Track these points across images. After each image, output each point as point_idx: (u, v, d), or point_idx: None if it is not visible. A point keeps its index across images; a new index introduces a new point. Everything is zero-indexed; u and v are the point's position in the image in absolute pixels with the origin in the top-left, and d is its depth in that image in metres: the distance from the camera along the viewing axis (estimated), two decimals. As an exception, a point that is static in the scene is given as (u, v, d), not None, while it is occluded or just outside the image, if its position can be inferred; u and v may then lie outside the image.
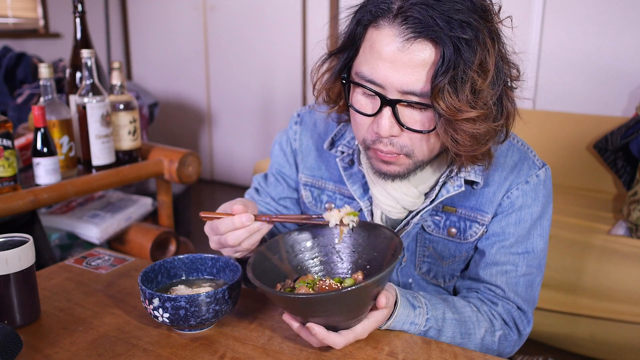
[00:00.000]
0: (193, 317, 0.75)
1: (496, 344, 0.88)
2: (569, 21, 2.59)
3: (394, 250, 0.74)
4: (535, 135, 2.56)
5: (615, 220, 2.05)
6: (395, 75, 0.73)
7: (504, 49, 0.77)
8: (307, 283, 0.75)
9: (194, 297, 0.74)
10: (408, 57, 0.72)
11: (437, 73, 0.70)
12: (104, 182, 1.45)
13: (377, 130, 0.77)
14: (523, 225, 0.90)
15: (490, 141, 0.78)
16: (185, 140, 4.35)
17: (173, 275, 0.87)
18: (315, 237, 0.84)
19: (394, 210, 0.91)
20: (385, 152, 0.80)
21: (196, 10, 4.03)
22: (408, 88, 0.73)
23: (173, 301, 0.74)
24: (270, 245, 0.81)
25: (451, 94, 0.70)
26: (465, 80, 0.70)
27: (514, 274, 0.90)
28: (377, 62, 0.74)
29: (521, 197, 0.89)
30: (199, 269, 0.88)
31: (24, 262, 0.80)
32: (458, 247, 0.93)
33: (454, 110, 0.71)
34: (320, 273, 0.83)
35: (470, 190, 0.90)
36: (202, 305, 0.75)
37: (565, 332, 1.92)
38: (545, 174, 0.91)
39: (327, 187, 1.01)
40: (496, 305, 0.90)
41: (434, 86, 0.71)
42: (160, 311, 0.75)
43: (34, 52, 3.51)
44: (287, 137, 1.06)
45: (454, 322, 0.84)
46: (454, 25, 0.69)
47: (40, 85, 1.52)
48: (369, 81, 0.76)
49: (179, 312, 0.75)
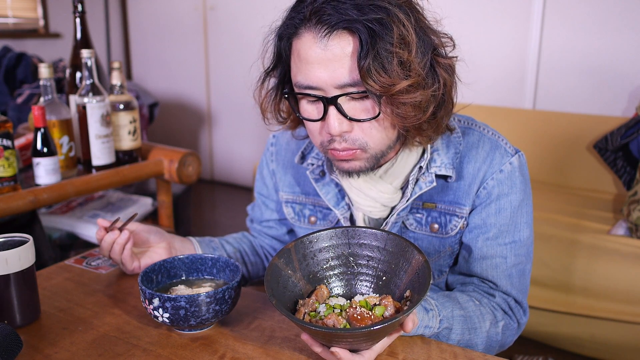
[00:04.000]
0: (193, 317, 0.75)
1: (500, 334, 0.89)
2: (569, 21, 2.59)
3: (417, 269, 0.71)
4: (535, 135, 2.56)
5: (615, 220, 2.05)
6: (326, 73, 0.76)
7: (424, 20, 0.80)
8: (333, 309, 0.73)
9: (194, 297, 0.74)
10: (331, 53, 0.75)
11: (360, 58, 0.73)
12: (104, 182, 1.45)
13: (329, 131, 0.80)
14: (504, 214, 0.91)
15: (431, 107, 0.80)
16: (185, 140, 4.35)
17: (173, 275, 0.87)
18: (327, 243, 0.80)
19: (375, 210, 0.93)
20: (341, 150, 0.82)
21: (196, 10, 4.03)
22: (341, 82, 0.76)
23: (173, 301, 0.74)
24: (282, 255, 0.77)
25: (380, 72, 0.73)
26: (390, 57, 0.73)
27: (504, 266, 0.91)
28: (307, 67, 0.77)
29: (497, 187, 0.90)
30: (199, 269, 0.88)
31: (24, 262, 0.80)
32: (442, 242, 0.94)
33: (387, 86, 0.74)
34: (337, 283, 0.80)
35: (446, 184, 0.92)
36: (202, 305, 0.75)
37: (565, 332, 1.92)
38: (519, 161, 0.92)
39: (307, 202, 1.03)
40: (494, 297, 0.91)
41: (360, 70, 0.74)
42: (160, 311, 0.75)
43: (34, 52, 3.52)
44: (265, 159, 1.11)
45: (461, 319, 0.85)
46: (364, 10, 0.73)
47: (40, 85, 1.52)
48: (307, 87, 0.79)
49: (179, 312, 0.74)
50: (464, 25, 2.88)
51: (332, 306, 0.74)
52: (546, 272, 1.91)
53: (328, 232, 0.80)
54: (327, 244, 0.80)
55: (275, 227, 1.12)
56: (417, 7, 0.80)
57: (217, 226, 3.49)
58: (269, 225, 1.13)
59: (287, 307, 0.73)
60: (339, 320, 0.69)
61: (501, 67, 2.82)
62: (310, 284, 0.79)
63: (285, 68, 0.85)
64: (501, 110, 2.69)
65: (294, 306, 0.76)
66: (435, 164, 0.90)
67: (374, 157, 0.84)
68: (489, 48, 2.83)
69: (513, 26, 2.74)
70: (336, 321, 0.69)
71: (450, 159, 0.91)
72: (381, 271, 0.79)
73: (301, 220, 1.04)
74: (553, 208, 2.13)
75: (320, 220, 1.02)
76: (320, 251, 0.80)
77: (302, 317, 0.72)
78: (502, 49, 2.80)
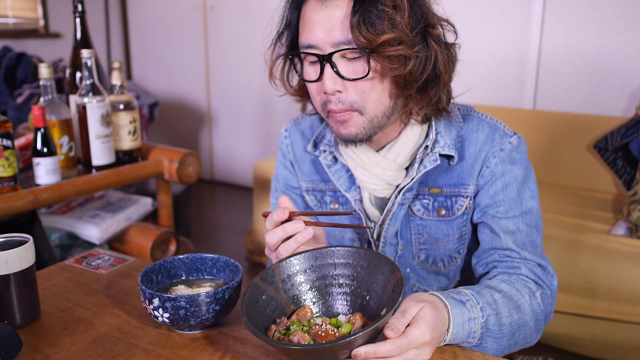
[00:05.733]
0: (193, 317, 0.75)
1: (542, 305, 0.89)
2: (569, 21, 2.59)
3: (394, 286, 0.68)
4: (535, 135, 2.56)
5: (615, 220, 2.05)
6: (324, 32, 0.82)
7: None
8: (303, 326, 0.72)
9: (194, 297, 0.74)
10: (330, 13, 0.82)
11: (352, 14, 0.80)
12: (104, 182, 1.45)
13: (324, 89, 0.85)
14: (511, 189, 0.93)
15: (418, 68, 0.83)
16: (185, 140, 4.35)
17: (173, 275, 0.87)
18: (311, 264, 0.78)
19: (379, 188, 0.96)
20: (337, 110, 0.86)
21: (196, 10, 4.03)
22: (336, 39, 0.82)
23: (173, 301, 0.74)
24: (264, 276, 0.75)
25: (368, 27, 0.79)
26: (381, 15, 0.79)
27: (519, 235, 0.93)
28: (309, 27, 0.84)
29: (500, 164, 0.93)
30: (199, 269, 0.88)
31: (24, 262, 0.80)
32: (449, 225, 0.97)
33: (372, 40, 0.79)
34: (318, 304, 0.78)
35: (449, 167, 0.96)
36: (202, 305, 0.75)
37: (565, 332, 1.92)
38: (518, 141, 0.95)
39: (327, 189, 1.06)
40: (520, 269, 0.91)
41: (350, 24, 0.80)
42: (160, 311, 0.75)
43: (34, 52, 3.51)
44: (282, 153, 1.12)
45: (505, 300, 0.83)
46: None
47: (40, 85, 1.52)
48: (307, 47, 0.85)
49: (179, 312, 0.74)
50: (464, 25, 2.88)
51: (301, 323, 0.73)
52: (546, 272, 1.91)
53: (307, 254, 0.78)
54: (308, 265, 0.78)
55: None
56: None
57: (217, 226, 3.49)
58: None
59: (264, 325, 0.71)
60: (303, 337, 0.68)
61: (501, 67, 2.82)
62: (294, 304, 0.77)
63: (294, 34, 0.91)
64: (501, 110, 2.69)
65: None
66: (439, 144, 0.94)
67: (370, 122, 0.87)
68: (489, 48, 2.83)
69: (513, 26, 2.74)
70: (301, 338, 0.68)
71: (453, 140, 0.95)
72: (362, 289, 0.76)
73: (323, 207, 1.07)
74: (553, 208, 2.13)
75: (342, 205, 1.04)
76: (305, 272, 0.78)
77: (272, 334, 0.71)
78: (502, 49, 2.80)
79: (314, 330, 0.69)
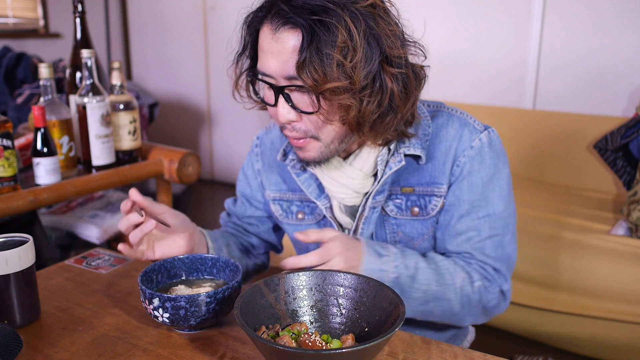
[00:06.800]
0: (193, 317, 0.75)
1: (477, 293, 0.91)
2: (569, 21, 2.59)
3: (394, 320, 0.67)
4: (535, 135, 2.56)
5: (615, 220, 2.05)
6: (276, 63, 0.81)
7: (384, 28, 0.81)
8: (292, 333, 0.71)
9: (194, 297, 0.74)
10: (281, 45, 0.80)
11: (299, 53, 0.78)
12: (104, 182, 1.45)
13: (278, 118, 0.85)
14: (475, 190, 0.93)
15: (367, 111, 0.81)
16: (185, 140, 4.35)
17: (173, 275, 0.87)
18: (318, 283, 0.77)
19: (347, 197, 0.96)
20: (292, 137, 0.87)
21: (196, 10, 4.03)
22: (288, 73, 0.80)
23: (173, 301, 0.74)
24: (269, 281, 0.75)
25: (313, 72, 0.77)
26: (328, 58, 0.76)
27: (478, 238, 0.93)
28: (264, 56, 0.83)
29: (468, 163, 0.93)
30: (199, 269, 0.88)
31: (24, 262, 0.80)
32: (424, 224, 0.96)
33: (317, 83, 0.77)
34: (315, 324, 0.77)
35: (420, 166, 0.95)
36: (202, 305, 0.75)
37: (565, 332, 1.92)
38: (488, 137, 0.94)
39: (294, 198, 1.06)
40: (471, 264, 0.94)
41: (296, 63, 0.78)
42: (160, 311, 0.75)
43: (34, 52, 3.51)
44: (250, 159, 1.13)
45: (429, 271, 0.89)
46: (315, 10, 0.77)
47: (40, 85, 1.52)
48: (262, 74, 0.84)
49: (179, 312, 0.74)
50: (464, 25, 2.88)
51: (291, 330, 0.72)
52: (546, 272, 1.91)
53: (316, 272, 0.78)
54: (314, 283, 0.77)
55: (256, 225, 1.15)
56: (380, 15, 0.81)
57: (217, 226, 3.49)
58: (250, 222, 1.16)
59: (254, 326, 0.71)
60: (290, 342, 0.67)
61: (501, 67, 2.82)
62: (291, 318, 0.76)
63: (253, 54, 0.90)
64: (501, 110, 2.69)
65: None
66: (404, 144, 0.93)
67: (327, 147, 0.87)
68: (489, 48, 2.83)
69: (513, 26, 2.74)
70: (287, 342, 0.67)
71: (419, 140, 0.94)
72: (362, 320, 0.75)
73: (289, 217, 1.07)
74: (553, 208, 2.13)
75: (308, 215, 1.04)
76: (310, 289, 0.77)
77: (260, 334, 0.70)
78: (502, 49, 2.80)
79: (302, 339, 0.68)
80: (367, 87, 0.81)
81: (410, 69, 0.85)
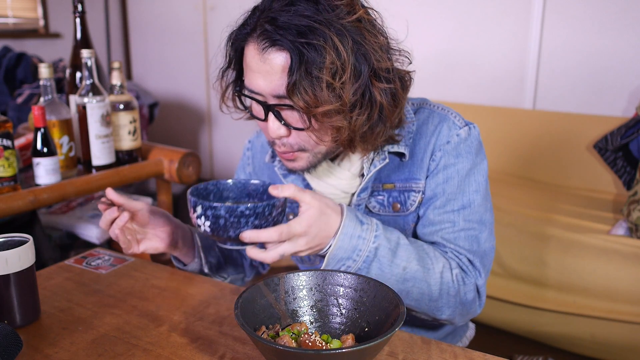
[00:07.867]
0: (232, 227, 0.75)
1: (455, 282, 0.90)
2: (569, 21, 2.59)
3: (394, 320, 0.67)
4: (535, 135, 2.56)
5: (615, 220, 2.05)
6: (264, 83, 0.81)
7: (371, 41, 0.82)
8: (292, 333, 0.71)
9: (233, 208, 0.74)
10: (269, 66, 0.80)
11: (288, 75, 0.78)
12: (104, 182, 1.45)
13: (268, 133, 0.86)
14: (451, 183, 0.93)
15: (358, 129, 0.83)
16: (185, 140, 4.35)
17: (226, 197, 0.88)
18: (318, 283, 0.78)
19: (336, 197, 0.98)
20: (281, 152, 0.89)
21: (196, 10, 4.03)
22: (277, 92, 0.81)
23: (214, 210, 0.74)
24: (269, 282, 0.76)
25: (304, 92, 0.77)
26: (318, 80, 0.77)
27: (451, 229, 0.93)
28: (251, 74, 0.83)
29: (444, 157, 0.93)
30: (250, 194, 0.89)
31: (24, 262, 0.80)
32: (405, 220, 0.97)
33: (309, 106, 0.78)
34: (315, 324, 0.77)
35: (401, 162, 0.96)
36: (241, 217, 0.75)
37: (565, 332, 1.92)
38: (467, 132, 0.94)
39: None
40: (446, 253, 0.93)
41: (287, 86, 0.78)
42: (203, 219, 0.76)
43: (34, 52, 3.51)
44: (242, 164, 1.15)
45: (411, 249, 0.87)
46: (303, 32, 0.77)
47: (40, 85, 1.52)
48: (251, 91, 0.85)
49: (218, 221, 0.75)
50: (464, 25, 2.88)
51: (291, 330, 0.73)
52: (546, 272, 1.91)
53: (316, 272, 0.78)
54: (314, 283, 0.78)
55: None
56: (367, 28, 0.82)
57: (217, 226, 3.48)
58: None
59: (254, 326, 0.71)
60: (290, 342, 0.67)
61: (501, 67, 2.82)
62: (291, 318, 0.76)
63: (239, 69, 0.90)
64: (501, 110, 2.69)
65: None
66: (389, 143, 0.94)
67: (315, 156, 0.89)
68: (489, 48, 2.83)
69: (513, 26, 2.74)
70: (287, 342, 0.67)
71: (404, 139, 0.95)
72: (362, 320, 0.75)
73: None
74: (553, 208, 2.13)
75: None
76: (310, 289, 0.78)
77: (260, 334, 0.70)
78: (502, 49, 2.80)
79: (302, 339, 0.69)
80: (357, 102, 0.82)
81: (397, 78, 0.86)
